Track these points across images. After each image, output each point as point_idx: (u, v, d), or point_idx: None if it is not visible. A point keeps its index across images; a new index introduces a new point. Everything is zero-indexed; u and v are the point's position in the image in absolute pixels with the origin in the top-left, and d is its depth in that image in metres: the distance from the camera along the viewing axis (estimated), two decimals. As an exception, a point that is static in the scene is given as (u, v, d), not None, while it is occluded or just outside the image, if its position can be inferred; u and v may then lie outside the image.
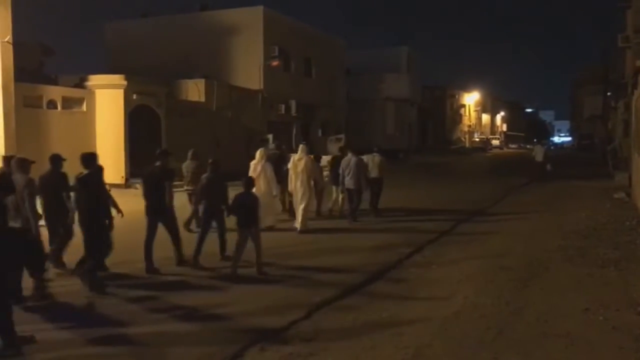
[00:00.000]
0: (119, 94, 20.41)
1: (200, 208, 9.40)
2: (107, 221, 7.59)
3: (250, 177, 9.20)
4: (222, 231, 9.16)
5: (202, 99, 25.50)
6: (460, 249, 10.20)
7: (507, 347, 5.46)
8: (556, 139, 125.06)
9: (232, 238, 8.70)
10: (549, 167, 24.59)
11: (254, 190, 8.80)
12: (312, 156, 12.86)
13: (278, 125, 30.43)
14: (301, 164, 11.95)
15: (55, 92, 19.45)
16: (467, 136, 69.55)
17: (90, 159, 7.69)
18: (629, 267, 8.47)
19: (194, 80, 25.93)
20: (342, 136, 32.96)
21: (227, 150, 23.01)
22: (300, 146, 12.50)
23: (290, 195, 12.72)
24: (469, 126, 72.77)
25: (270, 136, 26.65)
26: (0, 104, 15.95)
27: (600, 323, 6.11)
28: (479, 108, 78.03)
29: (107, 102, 20.34)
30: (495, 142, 73.78)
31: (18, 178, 6.91)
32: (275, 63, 30.36)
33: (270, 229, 11.38)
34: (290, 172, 12.12)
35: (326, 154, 23.12)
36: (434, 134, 60.73)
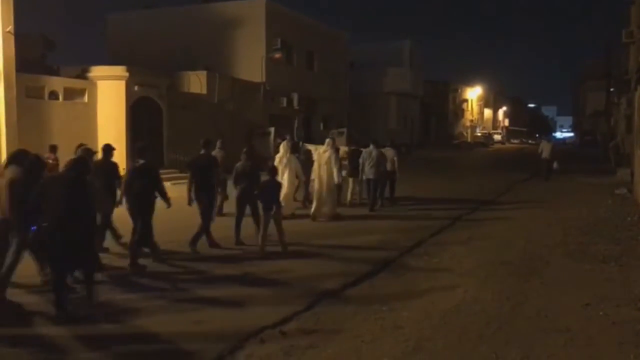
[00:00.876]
0: (121, 85, 20.37)
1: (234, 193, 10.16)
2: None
3: (274, 166, 10.36)
4: (256, 215, 9.72)
5: (204, 91, 25.46)
6: (460, 243, 10.19)
7: (507, 342, 5.46)
8: (558, 135, 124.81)
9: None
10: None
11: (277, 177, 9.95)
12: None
13: (279, 119, 30.36)
14: (326, 156, 12.71)
15: (57, 83, 19.42)
16: (469, 131, 69.44)
17: (144, 150, 8.57)
18: (630, 263, 8.47)
19: (196, 72, 25.88)
20: (343, 130, 32.89)
21: (228, 143, 22.95)
22: (327, 140, 13.30)
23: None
24: (471, 121, 72.65)
25: (272, 129, 26.62)
26: (1, 95, 15.94)
27: (600, 318, 6.11)
28: (481, 103, 77.90)
29: (109, 94, 20.31)
30: (497, 137, 73.72)
31: None
32: (277, 56, 30.28)
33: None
34: (316, 164, 12.91)
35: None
36: (437, 128, 60.62)
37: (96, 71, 20.56)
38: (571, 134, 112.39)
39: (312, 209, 12.56)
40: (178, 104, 23.30)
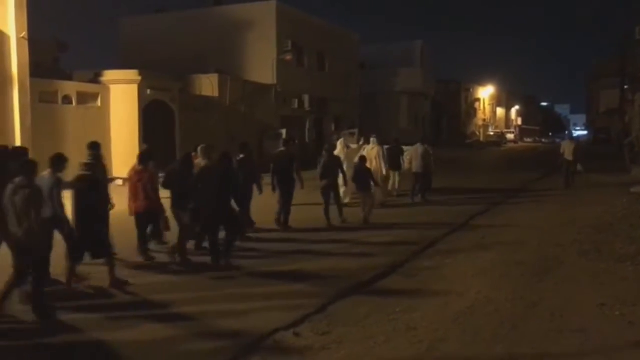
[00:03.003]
0: (134, 89, 20.50)
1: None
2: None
3: (364, 157, 12.81)
4: (338, 201, 12.13)
5: (216, 94, 25.55)
6: (473, 242, 10.14)
7: (521, 342, 5.42)
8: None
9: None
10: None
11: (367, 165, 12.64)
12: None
13: (291, 120, 30.39)
14: (374, 152, 14.62)
15: (70, 88, 19.58)
16: (481, 130, 69.08)
17: (245, 146, 10.90)
18: (646, 262, 8.36)
19: (208, 75, 25.97)
20: (355, 131, 32.83)
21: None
22: (372, 138, 15.24)
23: None
24: (484, 120, 72.28)
25: (283, 131, 26.65)
26: (16, 100, 16.09)
27: (616, 318, 6.05)
28: (493, 102, 77.49)
29: (122, 98, 20.44)
30: (510, 136, 73.24)
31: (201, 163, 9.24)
32: (288, 57, 30.31)
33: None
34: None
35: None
36: (449, 128, 60.37)
37: (109, 75, 20.70)
38: (585, 132, 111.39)
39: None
40: (190, 106, 23.39)
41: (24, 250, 6.07)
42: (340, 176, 12.60)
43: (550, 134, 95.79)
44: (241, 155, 10.60)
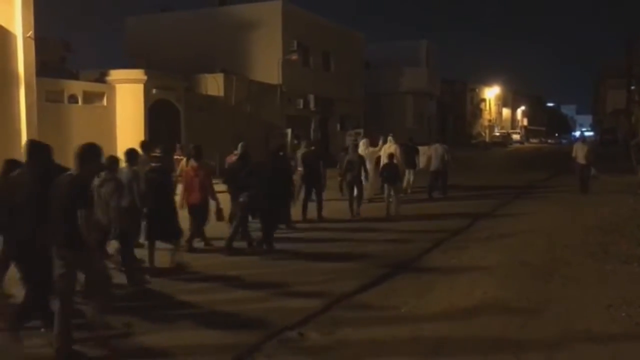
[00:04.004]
0: (139, 88, 20.54)
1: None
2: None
3: (392, 154, 13.97)
4: (360, 195, 13.11)
5: (221, 94, 25.57)
6: (479, 242, 10.11)
7: (528, 343, 5.39)
8: (577, 134, 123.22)
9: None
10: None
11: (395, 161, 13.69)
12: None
13: (296, 120, 30.39)
14: (391, 150, 15.30)
15: (76, 87, 19.64)
16: (487, 131, 68.91)
17: (281, 146, 12.07)
18: (653, 263, 8.30)
19: (213, 74, 25.99)
20: (360, 130, 32.81)
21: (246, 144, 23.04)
22: (389, 137, 16.24)
23: None
24: (490, 120, 72.11)
25: (288, 130, 26.66)
26: (22, 99, 16.14)
27: (623, 320, 6.01)
28: (499, 102, 77.30)
29: (128, 97, 20.48)
30: (516, 137, 73.04)
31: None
32: (294, 57, 30.30)
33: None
34: (383, 157, 15.02)
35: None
36: (454, 128, 60.22)
37: (115, 75, 20.75)
38: (591, 133, 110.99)
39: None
40: (196, 106, 23.43)
41: (108, 234, 7.02)
42: (363, 173, 13.38)
43: (556, 134, 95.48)
44: (281, 153, 11.32)
